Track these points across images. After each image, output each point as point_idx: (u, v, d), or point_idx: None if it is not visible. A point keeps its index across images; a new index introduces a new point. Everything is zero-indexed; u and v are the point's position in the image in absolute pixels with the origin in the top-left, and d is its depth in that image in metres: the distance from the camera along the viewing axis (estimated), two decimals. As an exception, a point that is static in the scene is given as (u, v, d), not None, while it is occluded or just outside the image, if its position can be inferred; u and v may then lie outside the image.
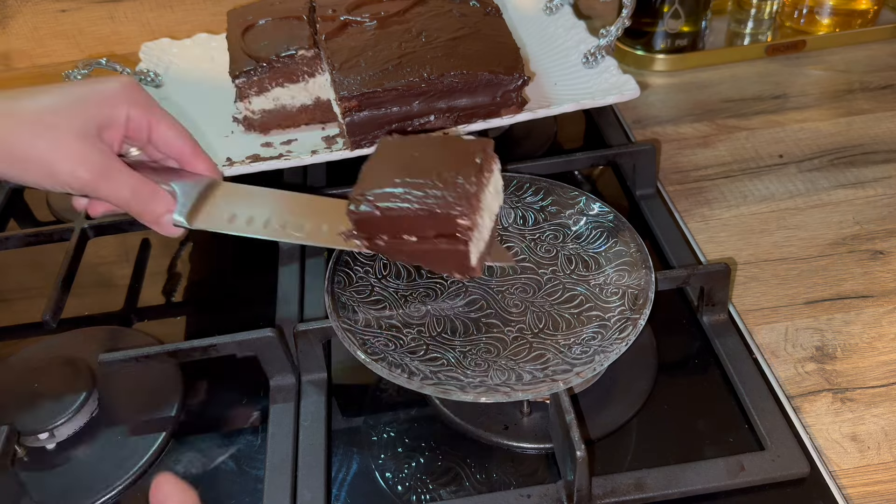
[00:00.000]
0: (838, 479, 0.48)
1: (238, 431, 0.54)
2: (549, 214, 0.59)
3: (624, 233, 0.55)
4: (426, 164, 0.47)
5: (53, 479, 0.51)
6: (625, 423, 0.51)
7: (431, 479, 0.49)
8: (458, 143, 0.50)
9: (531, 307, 0.53)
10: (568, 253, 0.56)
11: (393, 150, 0.50)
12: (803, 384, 0.54)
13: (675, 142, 0.79)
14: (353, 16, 0.72)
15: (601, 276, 0.54)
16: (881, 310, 0.59)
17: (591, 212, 0.58)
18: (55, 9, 0.99)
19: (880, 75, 0.85)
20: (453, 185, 0.45)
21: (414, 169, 0.47)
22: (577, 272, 0.55)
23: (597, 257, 0.55)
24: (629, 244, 0.54)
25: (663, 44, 0.89)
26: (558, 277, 0.54)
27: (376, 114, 0.65)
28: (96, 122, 0.45)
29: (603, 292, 0.53)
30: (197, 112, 0.79)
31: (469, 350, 0.51)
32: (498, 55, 0.67)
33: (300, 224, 0.49)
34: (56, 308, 0.59)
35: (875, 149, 0.75)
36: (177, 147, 0.50)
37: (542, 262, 0.56)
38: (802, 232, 0.66)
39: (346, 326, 0.50)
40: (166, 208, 0.48)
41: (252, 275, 0.67)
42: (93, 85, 0.47)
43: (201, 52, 0.86)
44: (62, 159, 0.44)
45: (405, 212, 0.45)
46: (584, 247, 0.56)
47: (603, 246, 0.56)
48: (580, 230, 0.57)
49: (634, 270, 0.53)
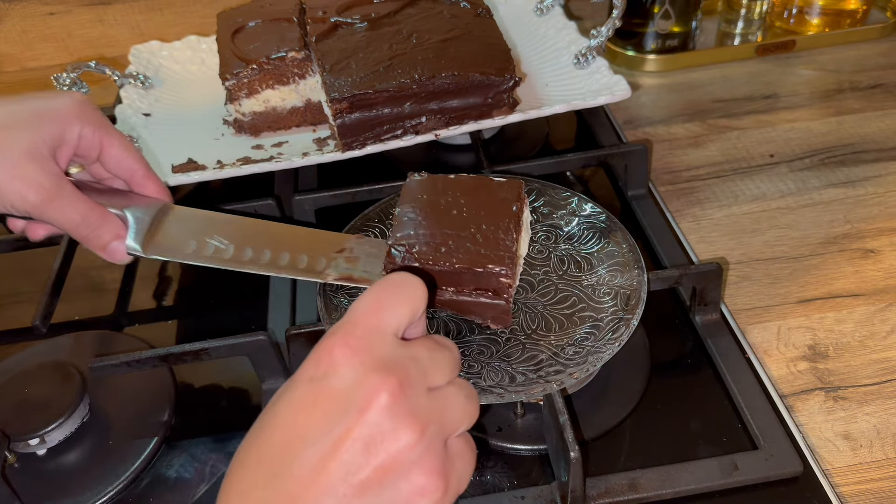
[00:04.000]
0: (831, 478, 0.48)
1: (230, 436, 0.54)
2: (542, 215, 0.59)
3: (616, 233, 0.55)
4: (463, 214, 0.48)
5: (44, 485, 0.51)
6: (618, 424, 0.51)
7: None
8: (491, 187, 0.50)
9: (524, 308, 0.53)
10: (560, 254, 0.56)
11: (425, 192, 0.50)
12: (796, 383, 0.54)
13: (666, 142, 0.79)
14: (344, 17, 0.72)
15: (593, 277, 0.54)
16: (873, 308, 0.59)
17: (583, 212, 0.58)
18: (44, 12, 0.98)
19: (870, 75, 0.86)
20: (494, 243, 0.47)
21: (452, 220, 0.48)
22: (569, 273, 0.55)
23: (589, 258, 0.55)
24: (621, 244, 0.54)
25: (654, 44, 0.89)
26: (551, 278, 0.54)
27: (367, 115, 0.65)
28: (48, 142, 0.43)
29: (595, 293, 0.53)
30: (187, 115, 0.79)
31: (462, 351, 0.51)
32: (489, 56, 0.67)
33: (276, 255, 0.47)
34: (46, 313, 0.59)
35: (865, 148, 0.75)
36: (128, 167, 0.48)
37: (535, 263, 0.56)
38: (794, 231, 0.67)
39: None
40: (115, 234, 0.46)
41: (243, 278, 0.66)
42: (44, 101, 0.45)
43: (191, 54, 0.86)
44: (9, 180, 0.42)
45: (447, 268, 0.46)
46: (576, 247, 0.56)
47: (595, 246, 0.56)
48: (572, 231, 0.57)
49: (627, 271, 0.53)
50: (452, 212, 0.49)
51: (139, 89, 0.80)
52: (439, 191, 0.50)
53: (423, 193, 0.50)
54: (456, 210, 0.49)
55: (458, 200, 0.49)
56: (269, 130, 0.76)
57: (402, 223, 0.48)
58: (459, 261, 0.46)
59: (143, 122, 0.75)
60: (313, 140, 0.74)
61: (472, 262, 0.46)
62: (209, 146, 0.74)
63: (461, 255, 0.46)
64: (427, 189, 0.50)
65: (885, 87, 0.84)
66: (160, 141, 0.74)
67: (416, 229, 0.48)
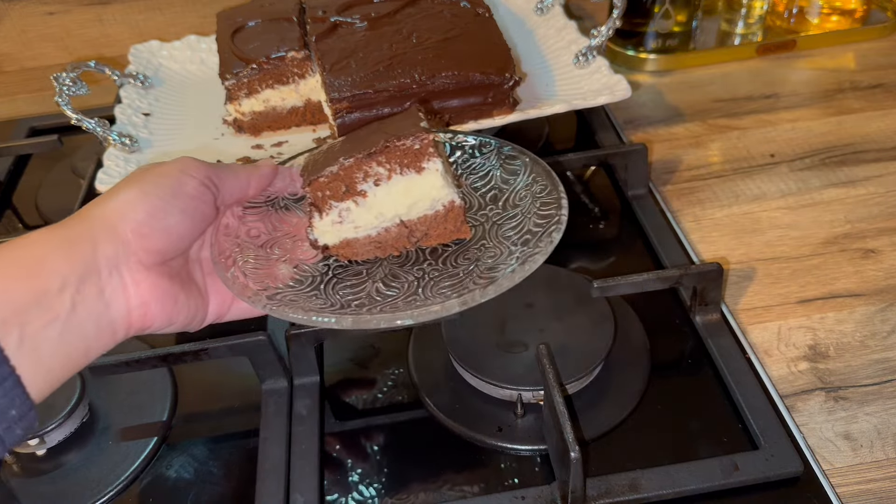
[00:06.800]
0: (832, 478, 0.48)
1: (230, 436, 0.54)
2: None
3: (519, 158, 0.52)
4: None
5: (44, 486, 0.51)
6: (619, 424, 0.51)
7: (426, 482, 0.49)
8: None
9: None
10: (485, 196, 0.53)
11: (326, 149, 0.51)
12: (796, 383, 0.54)
13: (666, 142, 0.79)
14: (344, 17, 0.71)
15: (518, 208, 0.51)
16: (873, 308, 0.59)
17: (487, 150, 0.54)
18: (43, 11, 0.98)
19: (870, 74, 0.86)
20: None
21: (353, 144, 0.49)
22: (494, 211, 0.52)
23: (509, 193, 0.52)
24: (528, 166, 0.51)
25: (654, 44, 0.89)
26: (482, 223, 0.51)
27: (367, 115, 0.65)
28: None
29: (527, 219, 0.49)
30: (187, 114, 0.79)
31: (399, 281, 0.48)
32: (489, 56, 0.66)
33: None
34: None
35: (866, 147, 0.75)
36: (241, 189, 0.47)
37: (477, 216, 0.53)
38: (794, 231, 0.66)
39: None
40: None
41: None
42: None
43: (191, 54, 0.86)
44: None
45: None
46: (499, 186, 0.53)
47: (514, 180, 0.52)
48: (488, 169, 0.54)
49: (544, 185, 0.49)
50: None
51: (139, 89, 0.80)
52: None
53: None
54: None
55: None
56: (269, 130, 0.76)
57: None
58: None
59: (143, 122, 0.75)
60: (313, 140, 0.74)
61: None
62: (209, 146, 0.74)
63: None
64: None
65: (885, 87, 0.84)
66: (160, 141, 0.74)
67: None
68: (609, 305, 0.55)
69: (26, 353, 0.32)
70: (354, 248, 0.49)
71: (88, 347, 0.36)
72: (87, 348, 0.36)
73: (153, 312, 0.39)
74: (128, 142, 0.70)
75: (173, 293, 0.40)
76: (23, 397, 0.32)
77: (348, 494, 0.49)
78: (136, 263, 0.38)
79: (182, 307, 0.41)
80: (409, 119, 0.49)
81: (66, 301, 0.34)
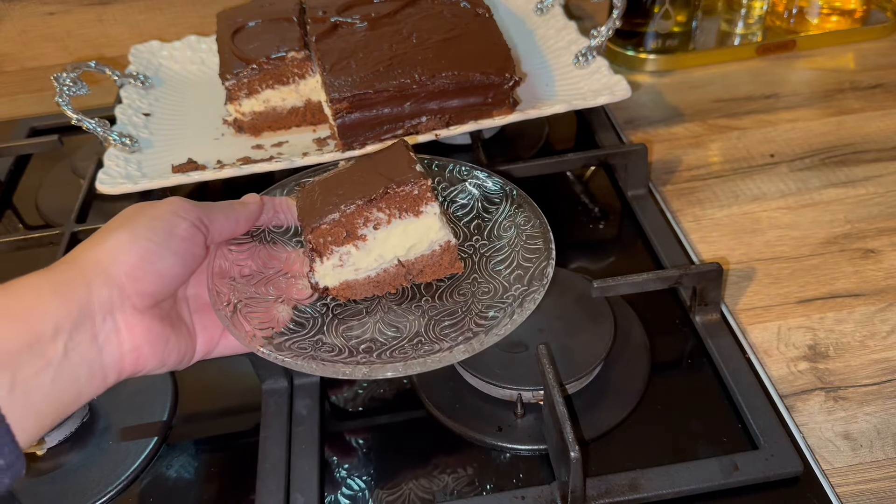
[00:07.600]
0: (831, 478, 0.48)
1: (230, 436, 0.54)
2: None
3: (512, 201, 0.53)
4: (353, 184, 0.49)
5: (44, 486, 0.51)
6: (619, 424, 0.51)
7: (426, 481, 0.49)
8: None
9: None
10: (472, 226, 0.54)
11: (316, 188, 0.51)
12: (796, 383, 0.54)
13: (666, 142, 0.79)
14: (344, 17, 0.72)
15: (503, 241, 0.52)
16: (873, 308, 0.59)
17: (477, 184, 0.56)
18: (43, 11, 0.98)
19: (870, 74, 0.86)
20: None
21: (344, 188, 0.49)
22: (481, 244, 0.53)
23: (493, 227, 0.53)
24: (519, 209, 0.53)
25: (654, 44, 0.89)
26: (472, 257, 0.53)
27: (368, 115, 0.65)
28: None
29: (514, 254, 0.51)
30: (187, 115, 0.79)
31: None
32: (489, 56, 0.67)
33: None
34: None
35: (865, 148, 0.75)
36: (231, 229, 0.47)
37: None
38: (794, 231, 0.66)
39: None
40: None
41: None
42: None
43: (191, 54, 0.86)
44: None
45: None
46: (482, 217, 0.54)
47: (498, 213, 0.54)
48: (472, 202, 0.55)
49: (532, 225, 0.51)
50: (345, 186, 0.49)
51: (139, 89, 0.80)
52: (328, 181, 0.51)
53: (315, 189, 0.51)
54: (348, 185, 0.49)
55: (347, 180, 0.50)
56: (269, 130, 0.76)
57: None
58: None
59: (144, 123, 0.75)
60: (313, 140, 0.74)
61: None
62: (209, 146, 0.74)
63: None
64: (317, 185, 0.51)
65: (885, 87, 0.84)
66: (160, 141, 0.74)
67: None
68: (609, 305, 0.55)
69: (17, 398, 0.32)
70: (354, 288, 0.50)
71: (80, 392, 0.36)
72: (78, 393, 0.36)
73: (145, 356, 0.39)
74: (128, 142, 0.70)
75: (165, 335, 0.40)
76: (11, 446, 0.32)
77: (348, 494, 0.49)
78: (130, 308, 0.38)
79: (173, 348, 0.41)
80: (402, 158, 0.49)
81: (60, 347, 0.34)
